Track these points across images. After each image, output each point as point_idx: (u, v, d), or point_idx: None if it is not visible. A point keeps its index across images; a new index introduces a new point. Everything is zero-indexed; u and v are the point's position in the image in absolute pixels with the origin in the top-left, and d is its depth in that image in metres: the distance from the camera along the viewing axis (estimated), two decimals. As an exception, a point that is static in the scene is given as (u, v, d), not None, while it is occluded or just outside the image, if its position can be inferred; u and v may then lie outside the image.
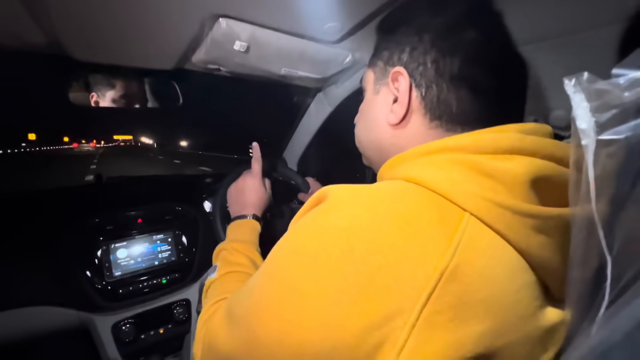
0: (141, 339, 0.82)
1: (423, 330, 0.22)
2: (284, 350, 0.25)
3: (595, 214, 0.21)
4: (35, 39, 0.51)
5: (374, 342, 0.22)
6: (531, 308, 0.24)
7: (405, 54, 0.34)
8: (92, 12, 0.47)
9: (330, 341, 0.23)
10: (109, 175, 1.06)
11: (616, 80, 0.19)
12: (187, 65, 0.70)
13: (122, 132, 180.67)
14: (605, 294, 0.20)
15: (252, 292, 0.30)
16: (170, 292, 0.87)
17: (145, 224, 0.88)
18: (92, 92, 0.66)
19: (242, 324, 0.30)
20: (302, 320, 0.24)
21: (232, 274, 0.52)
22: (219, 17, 0.53)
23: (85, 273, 0.77)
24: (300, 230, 0.29)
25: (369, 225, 0.25)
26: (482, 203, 0.25)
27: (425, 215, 0.25)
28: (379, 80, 0.38)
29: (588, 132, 0.20)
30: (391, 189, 0.28)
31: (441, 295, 0.22)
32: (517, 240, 0.25)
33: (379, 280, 0.23)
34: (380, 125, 0.37)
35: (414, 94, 0.33)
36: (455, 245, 0.23)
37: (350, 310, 0.23)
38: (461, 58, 0.31)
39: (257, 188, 0.70)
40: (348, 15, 0.57)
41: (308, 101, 1.07)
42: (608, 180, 0.20)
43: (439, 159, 0.29)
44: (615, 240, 0.20)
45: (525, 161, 0.26)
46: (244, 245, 0.58)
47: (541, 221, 0.25)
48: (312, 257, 0.25)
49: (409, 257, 0.23)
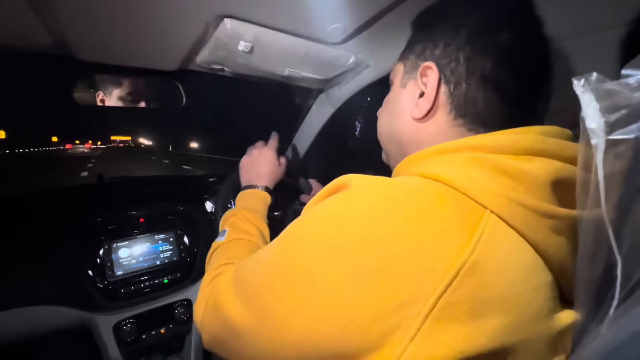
0: (142, 338, 0.82)
1: (437, 320, 0.22)
2: (292, 329, 0.26)
3: (604, 213, 0.21)
4: (42, 40, 0.51)
5: (385, 329, 0.22)
6: (546, 308, 0.24)
7: (438, 49, 0.34)
8: (97, 13, 0.47)
9: (341, 322, 0.24)
10: (111, 176, 1.07)
11: (625, 81, 0.20)
12: (191, 65, 0.70)
13: (119, 133, 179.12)
14: (615, 293, 0.20)
15: (265, 266, 0.31)
16: (172, 292, 0.87)
17: (147, 224, 0.88)
18: (98, 92, 0.66)
19: (252, 296, 0.31)
20: (315, 298, 0.25)
21: (240, 241, 0.52)
22: (224, 18, 0.53)
23: (87, 272, 0.77)
24: (320, 215, 0.29)
25: (388, 214, 0.25)
26: (503, 201, 0.25)
27: (445, 208, 0.25)
28: (408, 73, 0.38)
29: (598, 131, 0.20)
30: (410, 184, 0.28)
31: (458, 288, 0.22)
32: (537, 240, 0.25)
33: (394, 268, 0.23)
34: (403, 118, 0.37)
35: (442, 90, 0.33)
36: (475, 241, 0.23)
37: (364, 295, 0.23)
38: (494, 59, 0.31)
39: (272, 160, 0.69)
40: (351, 17, 0.57)
41: (310, 102, 1.07)
42: (617, 179, 0.20)
43: (459, 157, 0.29)
44: (624, 239, 0.20)
45: (546, 163, 0.26)
46: (254, 215, 0.58)
47: (560, 222, 0.25)
48: (330, 241, 0.26)
49: (426, 248, 0.23)
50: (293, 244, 0.30)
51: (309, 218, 0.30)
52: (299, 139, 1.15)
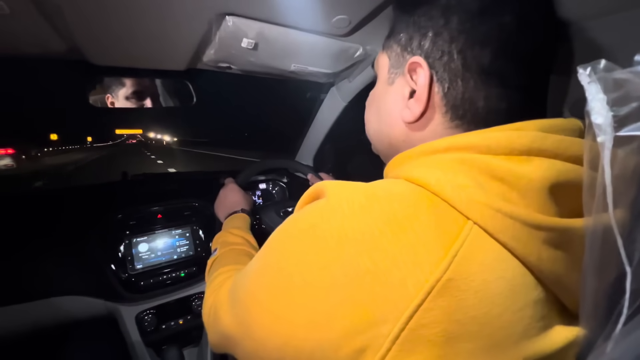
0: (162, 328, 0.86)
1: (408, 341, 0.20)
2: (271, 341, 0.26)
3: (612, 219, 0.18)
4: (56, 47, 0.54)
5: (356, 346, 0.21)
6: (535, 328, 0.22)
7: (427, 40, 0.29)
8: (106, 20, 0.49)
9: (314, 339, 0.23)
10: (134, 173, 1.12)
11: (637, 69, 0.17)
12: (199, 64, 0.71)
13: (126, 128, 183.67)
14: (623, 308, 0.18)
15: (249, 278, 0.31)
16: (189, 285, 0.90)
17: (165, 220, 0.92)
18: (108, 94, 0.69)
19: (240, 306, 0.31)
20: (291, 314, 0.25)
21: (231, 251, 0.57)
22: (226, 16, 0.53)
23: (110, 266, 0.82)
24: (295, 227, 0.28)
25: (361, 227, 0.23)
26: (488, 212, 0.22)
27: (423, 221, 0.23)
28: (394, 67, 0.33)
29: (604, 127, 0.18)
30: (390, 190, 0.26)
31: (430, 309, 0.20)
32: (526, 254, 0.22)
33: (365, 285, 0.22)
34: (393, 121, 0.33)
35: (435, 89, 0.29)
36: (451, 257, 0.21)
37: (336, 311, 0.22)
38: (494, 47, 0.26)
39: (236, 190, 0.78)
40: (356, 7, 0.55)
41: (322, 97, 1.05)
42: (627, 182, 0.18)
43: (446, 159, 0.26)
44: (635, 249, 0.18)
45: (545, 164, 0.23)
46: (238, 230, 0.64)
47: (557, 234, 0.22)
48: (304, 256, 0.25)
49: (399, 264, 0.22)
50: (272, 257, 0.29)
51: (287, 230, 0.29)
52: (313, 134, 1.15)
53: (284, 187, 1.28)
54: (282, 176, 1.28)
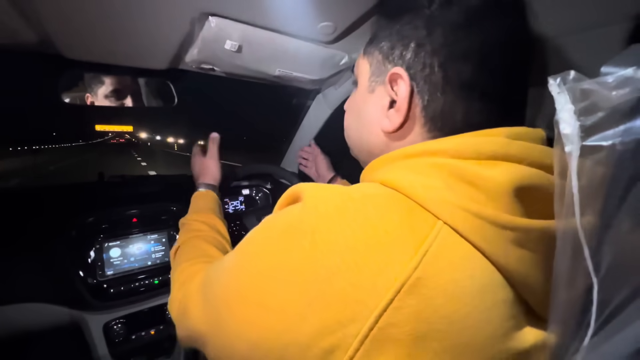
0: (132, 339, 0.81)
1: (377, 341, 0.20)
2: (242, 340, 0.26)
3: (580, 230, 0.18)
4: (26, 38, 0.51)
5: (325, 347, 0.21)
6: (503, 328, 0.22)
7: (409, 51, 0.29)
8: (81, 11, 0.47)
9: (284, 339, 0.23)
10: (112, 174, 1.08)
11: (604, 79, 0.17)
12: (181, 65, 0.70)
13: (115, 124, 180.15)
14: (590, 321, 0.18)
15: (222, 276, 0.31)
16: (163, 293, 0.86)
17: (140, 224, 0.88)
18: (86, 92, 0.66)
19: (211, 305, 0.31)
20: (262, 314, 0.25)
21: (196, 238, 0.56)
22: (209, 16, 0.52)
23: (78, 271, 0.77)
24: (270, 227, 0.29)
25: (334, 227, 0.24)
26: (458, 212, 0.23)
27: (394, 221, 0.23)
28: (375, 75, 0.33)
29: (572, 137, 0.18)
30: (364, 192, 0.26)
31: (399, 308, 0.20)
32: (494, 254, 0.23)
33: (335, 284, 0.22)
34: (373, 129, 0.33)
35: (415, 101, 0.29)
36: (420, 256, 0.21)
37: (306, 311, 0.22)
38: (476, 62, 0.27)
39: (200, 161, 0.74)
40: (342, 14, 0.55)
41: (308, 103, 1.05)
42: (595, 191, 0.18)
43: (419, 163, 0.27)
44: (603, 260, 0.18)
45: (511, 168, 0.24)
46: (203, 215, 0.62)
47: (522, 234, 0.23)
48: (277, 257, 0.25)
49: (370, 263, 0.22)
50: (246, 258, 0.29)
51: (262, 230, 0.29)
52: (299, 140, 1.14)
53: (267, 193, 1.26)
54: (266, 182, 1.27)
